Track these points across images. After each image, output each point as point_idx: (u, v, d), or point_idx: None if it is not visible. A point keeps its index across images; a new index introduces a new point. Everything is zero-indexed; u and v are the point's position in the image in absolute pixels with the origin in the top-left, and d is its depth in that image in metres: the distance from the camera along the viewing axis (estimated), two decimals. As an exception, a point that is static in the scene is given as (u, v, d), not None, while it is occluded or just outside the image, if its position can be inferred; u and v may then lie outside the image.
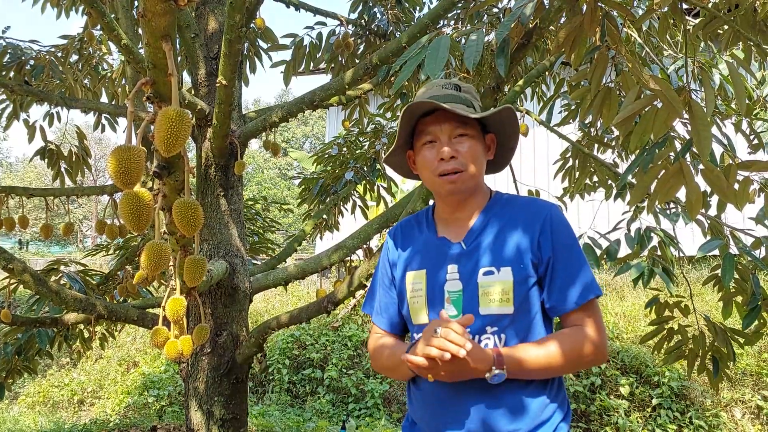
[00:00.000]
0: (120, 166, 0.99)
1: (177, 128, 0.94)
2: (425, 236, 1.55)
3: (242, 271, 3.03)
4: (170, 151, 0.95)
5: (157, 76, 1.04)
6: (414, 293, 1.49)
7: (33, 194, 3.26)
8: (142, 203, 1.10)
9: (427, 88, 1.52)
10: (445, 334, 1.25)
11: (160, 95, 1.08)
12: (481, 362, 1.28)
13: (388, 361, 1.52)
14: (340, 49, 3.88)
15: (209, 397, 2.89)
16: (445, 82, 1.52)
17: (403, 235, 1.61)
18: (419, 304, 1.47)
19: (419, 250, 1.53)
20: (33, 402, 7.23)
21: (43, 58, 3.85)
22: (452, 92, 1.48)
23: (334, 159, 4.92)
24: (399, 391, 6.70)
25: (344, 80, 2.75)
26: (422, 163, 1.50)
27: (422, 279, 1.48)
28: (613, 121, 1.87)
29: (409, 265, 1.53)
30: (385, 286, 1.61)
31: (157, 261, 1.35)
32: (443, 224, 1.54)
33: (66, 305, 2.65)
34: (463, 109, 1.44)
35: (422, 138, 1.48)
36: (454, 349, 1.22)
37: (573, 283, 1.38)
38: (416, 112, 1.47)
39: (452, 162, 1.43)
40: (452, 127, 1.44)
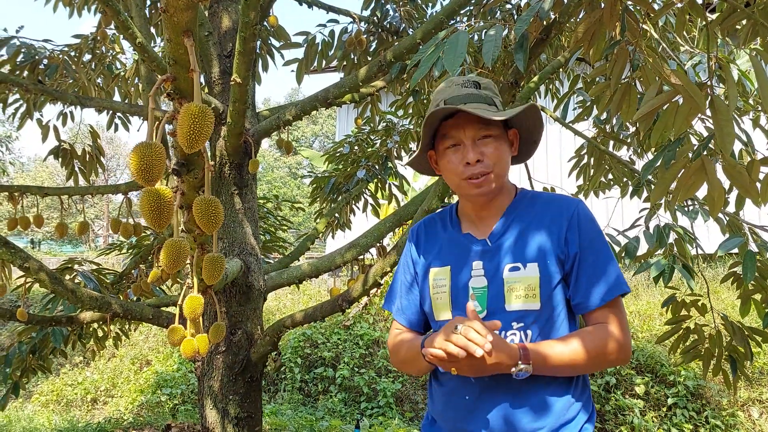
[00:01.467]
0: (141, 162, 0.98)
1: (199, 124, 0.92)
2: (449, 233, 1.53)
3: (256, 270, 3.02)
4: (193, 147, 0.94)
5: (178, 72, 1.02)
6: (437, 290, 1.47)
7: (48, 193, 3.28)
8: (162, 200, 1.09)
9: (446, 87, 1.49)
10: (465, 331, 1.23)
11: (180, 92, 1.06)
12: (507, 357, 1.26)
13: (406, 354, 1.49)
14: (353, 46, 3.87)
15: (224, 396, 2.89)
16: (464, 79, 1.48)
17: (426, 232, 1.59)
18: (442, 301, 1.46)
19: (443, 246, 1.52)
20: (47, 400, 7.28)
21: (56, 57, 3.86)
22: (472, 91, 1.45)
23: (346, 157, 4.91)
24: (411, 390, 6.69)
25: (358, 77, 2.74)
26: (447, 167, 1.47)
27: (446, 275, 1.46)
28: (634, 117, 1.85)
29: (433, 262, 1.51)
30: (406, 283, 1.59)
31: (176, 259, 1.34)
32: (468, 221, 1.52)
33: (81, 304, 2.65)
34: (485, 109, 1.41)
35: (445, 141, 1.45)
36: (472, 347, 1.20)
37: (599, 281, 1.36)
38: (438, 115, 1.44)
39: (478, 165, 1.41)
40: (476, 130, 1.41)
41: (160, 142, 1.02)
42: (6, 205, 15.62)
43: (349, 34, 3.94)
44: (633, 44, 1.98)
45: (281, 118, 2.95)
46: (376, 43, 4.21)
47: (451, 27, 2.36)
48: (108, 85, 4.53)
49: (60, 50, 3.95)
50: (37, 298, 8.23)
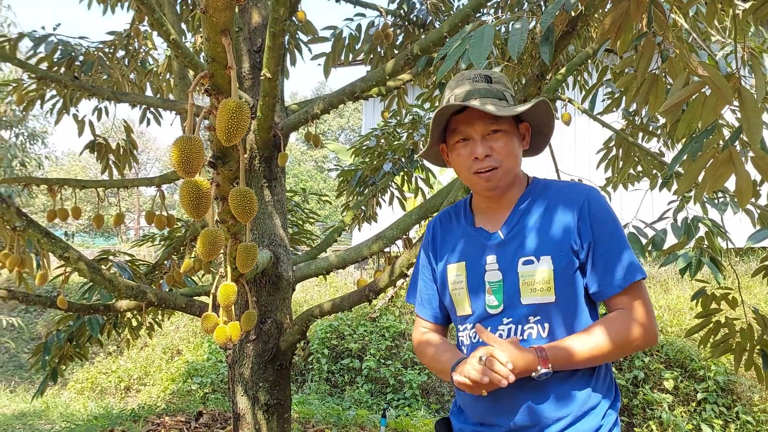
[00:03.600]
0: (182, 155, 1.03)
1: (237, 119, 0.97)
2: (463, 227, 1.55)
3: (285, 260, 3.09)
4: (231, 141, 0.98)
5: (216, 69, 1.07)
6: (455, 285, 1.50)
7: (85, 186, 3.38)
8: (201, 191, 1.14)
9: (457, 81, 1.49)
10: (490, 363, 1.27)
11: (218, 88, 1.11)
12: (526, 366, 1.29)
13: (432, 362, 1.53)
14: (380, 40, 3.90)
15: (254, 383, 2.97)
16: (475, 74, 1.49)
17: (442, 227, 1.62)
18: (461, 296, 1.49)
19: (458, 241, 1.54)
20: (82, 388, 7.51)
21: (92, 54, 3.97)
22: (483, 85, 1.45)
23: (372, 150, 4.95)
24: (437, 382, 6.72)
25: (385, 71, 2.77)
26: (457, 161, 1.49)
27: (462, 271, 1.49)
28: (661, 108, 1.84)
29: (449, 257, 1.54)
30: (426, 278, 1.63)
31: (212, 247, 1.40)
32: (481, 215, 1.54)
33: (118, 292, 2.75)
34: (495, 103, 1.42)
35: (455, 136, 1.47)
36: (497, 378, 1.25)
37: (615, 267, 1.37)
38: (448, 111, 1.45)
39: (487, 160, 1.42)
40: (485, 125, 1.42)
41: (199, 136, 1.07)
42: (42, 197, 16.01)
43: (375, 27, 3.97)
44: (660, 35, 1.97)
45: (309, 112, 3.00)
46: (402, 37, 4.23)
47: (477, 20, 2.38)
48: (141, 81, 4.64)
49: (95, 47, 4.06)
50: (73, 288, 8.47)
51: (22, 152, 10.85)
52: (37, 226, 2.62)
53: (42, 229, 2.62)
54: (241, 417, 2.96)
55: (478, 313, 1.45)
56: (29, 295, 2.94)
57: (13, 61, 3.26)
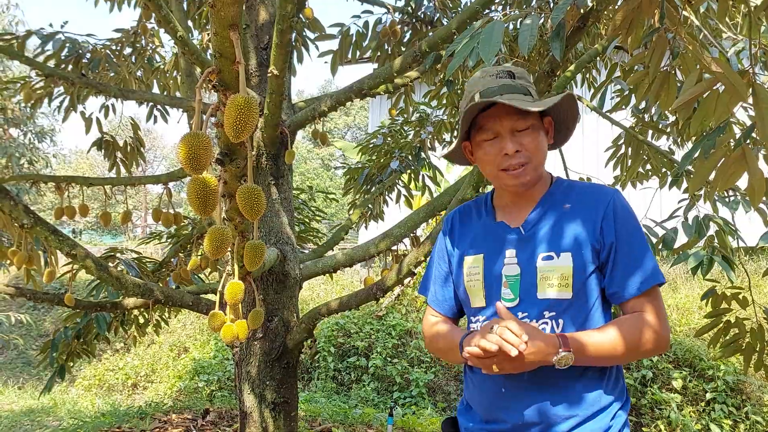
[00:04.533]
0: (190, 152, 1.02)
1: (245, 115, 0.96)
2: (484, 221, 1.55)
3: (292, 259, 3.08)
4: (239, 137, 0.97)
5: (224, 65, 1.06)
6: (471, 277, 1.49)
7: (93, 183, 3.39)
8: (208, 188, 1.13)
9: (480, 77, 1.49)
10: (501, 332, 1.25)
11: (225, 84, 1.10)
12: (546, 348, 1.27)
13: (444, 346, 1.53)
14: (387, 37, 3.88)
15: (261, 381, 2.96)
16: (498, 70, 1.48)
17: (461, 220, 1.61)
18: (476, 288, 1.48)
19: (477, 234, 1.53)
20: (89, 385, 7.54)
21: (99, 51, 3.97)
22: (507, 81, 1.45)
23: (379, 148, 4.93)
24: (444, 380, 6.71)
25: (393, 68, 2.76)
26: (483, 158, 1.48)
27: (480, 263, 1.48)
28: (673, 105, 1.82)
29: (467, 250, 1.53)
30: (441, 270, 1.62)
31: (219, 245, 1.39)
32: (503, 210, 1.53)
33: (126, 290, 2.75)
34: (521, 99, 1.41)
35: (482, 133, 1.46)
36: (507, 347, 1.23)
37: (635, 270, 1.36)
38: (475, 109, 1.45)
39: (517, 156, 1.41)
40: (513, 121, 1.42)
41: (206, 133, 1.06)
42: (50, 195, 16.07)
43: (383, 24, 3.95)
44: (672, 31, 1.95)
45: (317, 110, 2.99)
46: (410, 34, 4.21)
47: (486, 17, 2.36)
48: (148, 78, 4.64)
49: (102, 44, 4.06)
50: (81, 285, 8.50)
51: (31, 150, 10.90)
52: (44, 224, 2.62)
53: (49, 226, 2.63)
54: (248, 415, 2.95)
55: (492, 305, 1.44)
56: (37, 292, 2.94)
57: (20, 59, 3.26)
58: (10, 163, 10.22)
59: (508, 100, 1.39)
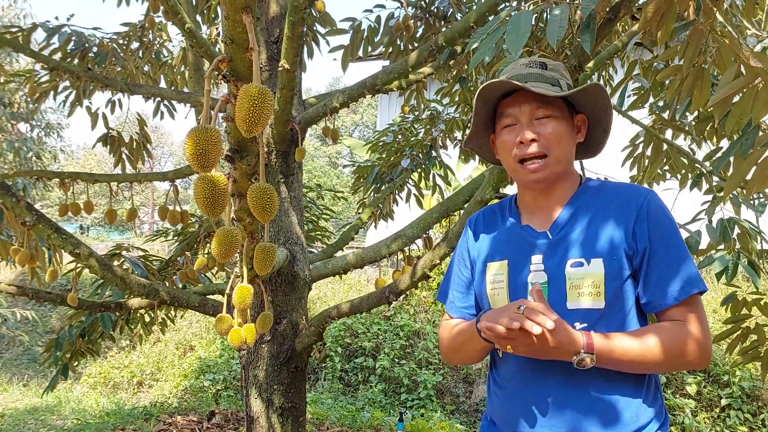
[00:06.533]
0: (197, 147, 0.93)
1: (259, 107, 0.87)
2: (508, 225, 1.45)
3: (302, 259, 2.99)
4: (252, 131, 0.88)
5: (235, 52, 0.97)
6: (495, 285, 1.39)
7: (98, 180, 3.31)
8: (217, 187, 1.04)
9: (510, 67, 1.42)
10: (528, 312, 1.16)
11: (237, 73, 1.01)
12: (570, 342, 1.18)
13: (460, 336, 1.42)
14: (400, 31, 3.78)
15: (269, 385, 2.87)
16: (530, 60, 1.41)
17: (484, 224, 1.51)
18: (500, 297, 1.38)
19: (501, 239, 1.44)
20: (95, 383, 7.49)
21: (105, 45, 3.89)
22: (537, 71, 1.37)
23: (389, 146, 4.84)
24: (452, 382, 6.62)
25: (408, 63, 2.66)
26: (501, 148, 1.40)
27: (504, 270, 1.39)
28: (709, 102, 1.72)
29: (490, 256, 1.43)
30: (461, 276, 1.52)
31: (228, 248, 1.30)
32: (527, 212, 1.44)
33: (130, 290, 2.66)
34: (547, 89, 1.33)
35: (502, 120, 1.38)
36: (529, 324, 1.13)
37: (673, 276, 1.25)
38: (493, 93, 1.37)
39: (533, 145, 1.32)
40: (533, 108, 1.33)
41: (215, 127, 0.97)
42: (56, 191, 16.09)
43: (396, 19, 3.85)
44: (707, 25, 1.84)
45: (328, 106, 2.90)
46: (423, 29, 4.11)
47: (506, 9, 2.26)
48: (155, 73, 4.56)
49: (109, 38, 3.98)
50: (86, 282, 8.44)
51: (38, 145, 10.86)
52: (47, 221, 2.54)
53: (52, 224, 2.55)
54: (255, 420, 2.87)
55: None
56: (39, 291, 2.86)
57: (25, 51, 3.18)
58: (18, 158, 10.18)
59: (532, 87, 1.30)
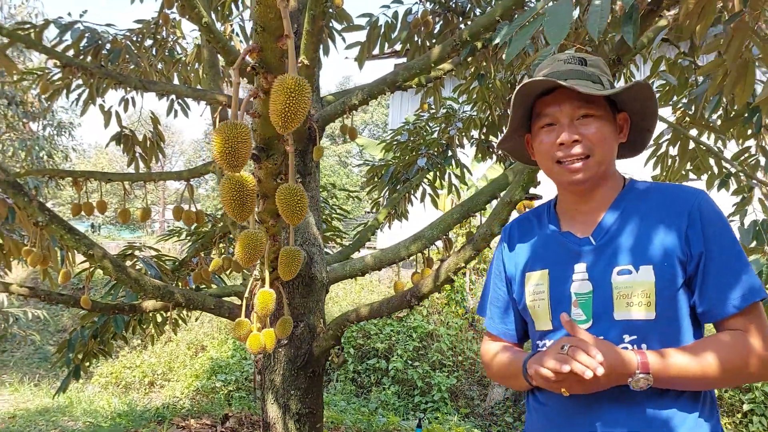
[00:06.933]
0: (226, 145, 0.85)
1: (297, 100, 0.78)
2: (546, 232, 1.36)
3: (319, 261, 2.91)
4: (287, 127, 0.80)
5: (266, 41, 0.88)
6: (535, 296, 1.31)
7: (111, 179, 3.25)
8: (246, 189, 0.96)
9: (547, 63, 1.34)
10: (573, 353, 1.09)
11: (267, 65, 0.92)
12: (623, 368, 1.11)
13: (505, 370, 1.35)
14: (418, 27, 3.69)
15: (285, 390, 2.80)
16: (568, 55, 1.32)
17: (520, 232, 1.42)
18: (542, 309, 1.29)
19: (540, 247, 1.35)
20: (106, 382, 7.46)
21: (119, 42, 3.83)
22: (576, 67, 1.29)
23: (404, 145, 4.76)
24: (466, 385, 6.52)
25: (430, 58, 2.57)
26: (539, 149, 1.31)
27: (544, 280, 1.30)
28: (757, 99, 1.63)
29: (529, 265, 1.35)
30: (498, 293, 1.43)
31: (253, 251, 1.22)
32: (567, 217, 1.34)
33: (145, 292, 2.60)
34: (589, 86, 1.24)
35: (540, 120, 1.30)
36: (580, 369, 1.07)
37: (732, 283, 1.16)
38: (532, 91, 1.28)
39: (575, 146, 1.24)
40: (574, 107, 1.25)
41: (244, 122, 0.89)
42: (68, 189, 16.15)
43: (413, 15, 3.77)
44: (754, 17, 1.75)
45: (347, 103, 2.82)
46: (441, 25, 4.02)
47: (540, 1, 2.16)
48: (168, 71, 4.50)
49: (123, 35, 3.91)
50: (99, 282, 8.41)
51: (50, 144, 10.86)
52: (60, 222, 2.48)
53: (65, 224, 2.48)
54: (272, 426, 2.79)
55: (561, 328, 1.26)
56: (52, 293, 2.81)
57: (37, 48, 3.12)
58: (30, 157, 10.18)
59: (572, 84, 1.22)
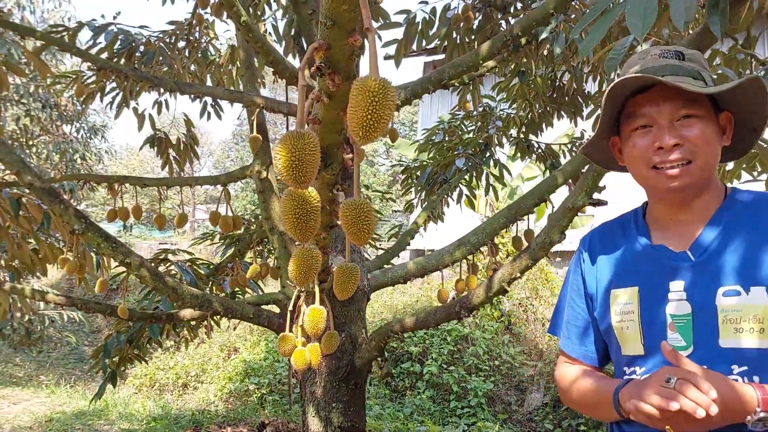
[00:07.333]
0: (293, 157, 0.73)
1: (380, 106, 0.66)
2: (635, 244, 1.21)
3: (360, 268, 2.79)
4: (369, 137, 0.67)
5: (335, 37, 0.76)
6: (623, 317, 1.17)
7: (147, 184, 3.18)
8: (309, 206, 0.84)
9: (639, 58, 1.19)
10: (681, 387, 0.95)
11: (334, 65, 0.80)
12: (740, 404, 0.96)
13: (589, 398, 1.20)
14: (458, 23, 3.55)
15: (327, 403, 2.69)
16: (663, 49, 1.18)
17: (602, 244, 1.27)
18: (631, 332, 1.15)
19: (628, 262, 1.20)
20: (140, 384, 7.47)
21: (153, 44, 3.77)
22: (673, 62, 1.14)
23: (439, 145, 4.62)
24: (504, 390, 6.36)
25: (479, 55, 2.43)
26: (631, 153, 1.17)
27: (634, 299, 1.16)
28: None
29: (614, 282, 1.20)
30: (577, 310, 1.29)
31: (308, 270, 1.12)
32: (660, 228, 1.20)
33: (182, 301, 2.52)
34: (689, 83, 1.09)
35: (633, 122, 1.15)
36: (691, 407, 0.92)
37: None
38: (624, 90, 1.14)
39: (676, 151, 1.09)
40: (675, 108, 1.10)
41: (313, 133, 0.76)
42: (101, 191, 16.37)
43: (453, 10, 3.63)
44: None
45: (389, 103, 2.69)
46: (480, 20, 3.87)
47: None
48: (201, 73, 4.44)
49: (156, 37, 3.86)
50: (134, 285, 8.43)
51: (83, 146, 10.98)
52: (97, 229, 2.41)
53: (102, 232, 2.41)
54: (313, 440, 2.69)
55: (654, 354, 1.12)
56: (89, 302, 2.74)
57: (71, 51, 3.07)
58: (63, 160, 10.30)
59: (673, 81, 1.07)
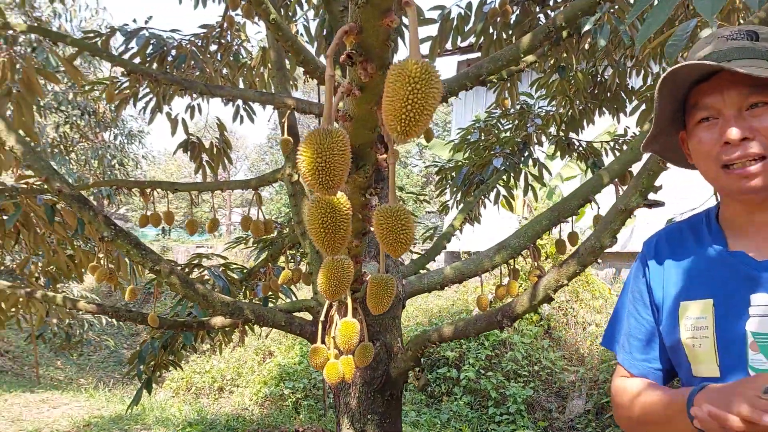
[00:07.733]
0: (319, 159, 0.63)
1: (422, 94, 0.55)
2: (708, 250, 1.07)
3: (394, 273, 2.69)
4: (409, 132, 0.56)
5: (368, 18, 0.65)
6: (695, 333, 1.03)
7: (178, 189, 3.14)
8: (339, 214, 0.74)
9: (706, 41, 1.04)
10: None
11: (367, 51, 0.70)
12: None
13: (656, 412, 1.05)
14: (496, 17, 3.41)
15: (362, 415, 2.59)
16: (733, 31, 1.02)
17: (670, 249, 1.13)
18: (704, 350, 1.01)
19: (700, 270, 1.06)
20: (177, 387, 7.51)
21: (184, 48, 3.74)
22: (744, 43, 0.99)
23: (475, 144, 4.48)
24: (544, 396, 6.16)
25: (520, 48, 2.29)
26: (697, 150, 1.03)
27: (708, 313, 1.02)
28: None
29: (685, 292, 1.06)
30: (640, 321, 1.15)
31: (339, 284, 1.01)
32: (737, 233, 1.06)
33: (213, 309, 2.45)
34: (762, 67, 0.95)
35: (696, 113, 1.02)
36: None
37: None
38: (684, 79, 1.00)
39: (746, 146, 0.95)
40: (742, 96, 0.96)
41: (343, 130, 0.66)
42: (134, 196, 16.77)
43: (489, 5, 3.49)
44: None
45: (424, 102, 2.58)
46: (518, 14, 3.73)
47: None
48: (233, 76, 4.41)
49: (188, 40, 3.84)
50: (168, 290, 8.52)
51: (121, 152, 11.18)
52: (126, 236, 2.36)
53: (132, 239, 2.36)
54: (348, 453, 2.59)
55: (732, 376, 0.98)
56: (119, 309, 2.71)
57: (102, 55, 3.05)
58: (102, 166, 10.49)
59: (740, 66, 0.93)
